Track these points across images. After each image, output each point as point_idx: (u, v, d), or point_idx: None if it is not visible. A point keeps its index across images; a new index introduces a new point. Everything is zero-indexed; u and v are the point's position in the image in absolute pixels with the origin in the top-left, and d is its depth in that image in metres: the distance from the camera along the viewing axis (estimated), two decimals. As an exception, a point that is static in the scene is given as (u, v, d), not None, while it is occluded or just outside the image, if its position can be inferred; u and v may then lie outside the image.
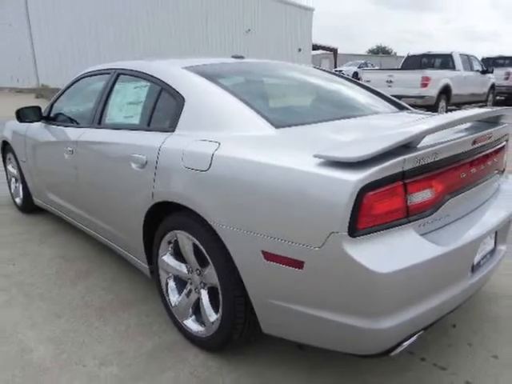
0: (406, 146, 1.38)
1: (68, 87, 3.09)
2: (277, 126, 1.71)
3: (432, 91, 9.32)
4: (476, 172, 1.67)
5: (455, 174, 1.55)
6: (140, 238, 2.11)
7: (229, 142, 1.67)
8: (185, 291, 1.93)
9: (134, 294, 2.39)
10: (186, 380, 1.71)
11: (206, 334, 1.82)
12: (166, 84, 2.08)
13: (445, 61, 10.75)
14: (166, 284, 2.02)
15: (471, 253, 1.55)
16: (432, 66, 10.92)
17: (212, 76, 2.05)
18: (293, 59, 23.49)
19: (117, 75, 2.52)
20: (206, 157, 1.66)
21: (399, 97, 7.22)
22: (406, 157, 1.33)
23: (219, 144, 1.67)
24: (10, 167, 3.90)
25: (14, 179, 3.87)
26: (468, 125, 1.80)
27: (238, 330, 1.71)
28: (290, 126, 1.76)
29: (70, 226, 3.36)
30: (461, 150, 1.55)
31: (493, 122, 1.88)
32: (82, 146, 2.51)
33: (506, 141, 1.98)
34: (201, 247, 1.73)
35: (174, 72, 2.13)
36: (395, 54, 51.20)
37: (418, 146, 1.41)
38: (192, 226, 1.74)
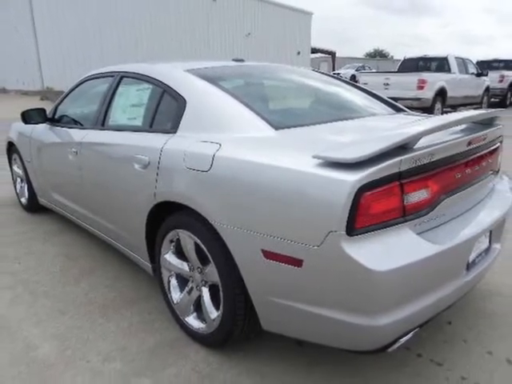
0: (403, 147, 1.41)
1: (72, 90, 3.13)
2: (276, 128, 1.74)
3: (428, 93, 9.38)
4: (471, 172, 1.70)
5: (451, 174, 1.58)
6: (142, 236, 2.15)
7: (229, 143, 1.70)
8: (186, 289, 1.96)
9: (137, 291, 2.43)
10: (188, 375, 1.74)
11: (207, 331, 1.86)
12: (169, 86, 2.11)
13: (440, 64, 10.82)
14: (168, 282, 2.05)
15: (466, 251, 1.58)
16: (428, 69, 10.97)
17: (213, 79, 2.09)
18: (292, 62, 23.51)
19: (120, 78, 2.56)
20: (208, 157, 1.69)
21: (396, 99, 7.22)
22: (402, 158, 1.36)
23: (220, 145, 1.70)
24: (15, 168, 3.95)
25: (19, 179, 3.92)
26: (463, 126, 1.83)
27: (239, 327, 1.74)
28: (289, 127, 1.79)
29: (74, 225, 3.40)
30: (456, 150, 1.58)
31: (487, 123, 1.91)
32: (85, 147, 2.55)
33: (501, 142, 2.01)
34: (202, 246, 1.76)
35: (177, 75, 2.17)
36: (392, 57, 51.36)
37: (415, 147, 1.44)
38: (193, 225, 1.78)
